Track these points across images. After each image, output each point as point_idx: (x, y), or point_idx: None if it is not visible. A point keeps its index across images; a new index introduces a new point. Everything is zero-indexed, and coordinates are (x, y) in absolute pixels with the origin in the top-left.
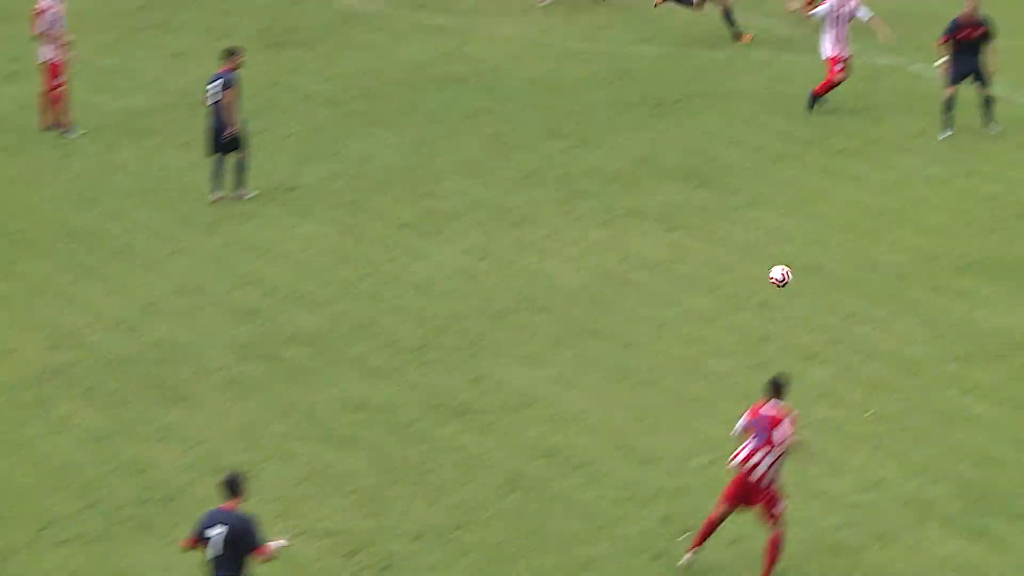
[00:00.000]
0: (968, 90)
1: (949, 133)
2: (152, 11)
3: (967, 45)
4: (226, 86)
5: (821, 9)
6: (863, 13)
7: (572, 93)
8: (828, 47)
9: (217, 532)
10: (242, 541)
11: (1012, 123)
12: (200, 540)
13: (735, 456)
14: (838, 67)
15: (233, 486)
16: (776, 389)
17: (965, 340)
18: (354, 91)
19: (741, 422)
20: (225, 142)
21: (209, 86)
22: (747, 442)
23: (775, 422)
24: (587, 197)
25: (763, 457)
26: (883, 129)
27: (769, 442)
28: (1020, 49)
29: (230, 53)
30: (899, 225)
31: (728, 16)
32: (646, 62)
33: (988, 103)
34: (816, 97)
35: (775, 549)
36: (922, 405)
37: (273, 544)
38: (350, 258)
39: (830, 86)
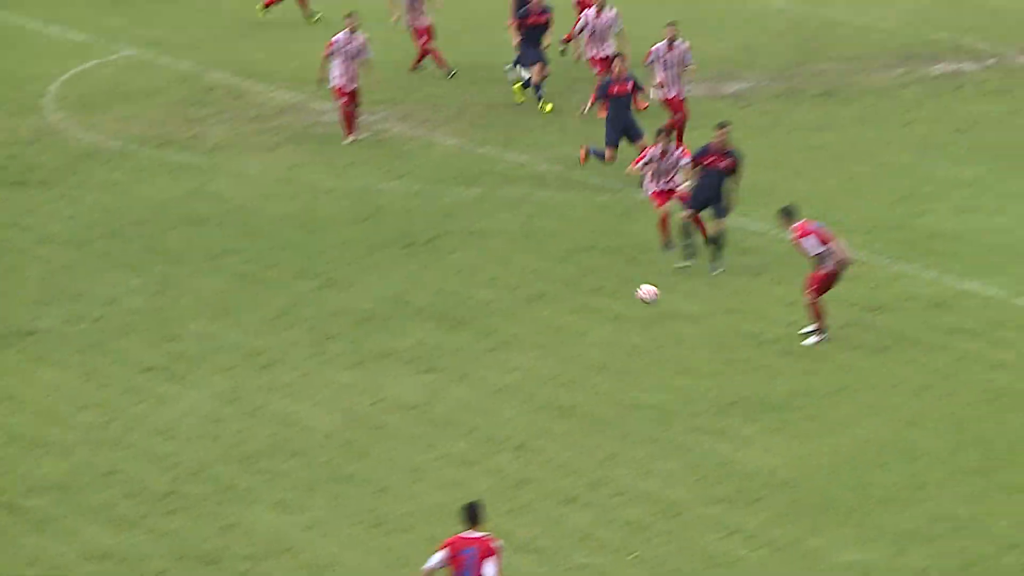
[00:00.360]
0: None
1: (690, 263)
2: None
3: (711, 173)
4: None
5: (645, 159)
6: (683, 162)
7: (322, 231)
8: (649, 186)
9: None
10: None
11: (771, 258)
12: None
13: None
14: (655, 202)
15: None
16: (472, 516)
17: (727, 481)
18: (95, 231)
19: (438, 556)
20: None
21: None
22: None
23: (483, 553)
24: (338, 338)
25: None
26: (639, 267)
27: None
28: (778, 183)
29: None
30: (658, 364)
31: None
32: (398, 199)
33: (718, 239)
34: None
35: None
36: (684, 549)
37: None
38: (93, 404)
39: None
